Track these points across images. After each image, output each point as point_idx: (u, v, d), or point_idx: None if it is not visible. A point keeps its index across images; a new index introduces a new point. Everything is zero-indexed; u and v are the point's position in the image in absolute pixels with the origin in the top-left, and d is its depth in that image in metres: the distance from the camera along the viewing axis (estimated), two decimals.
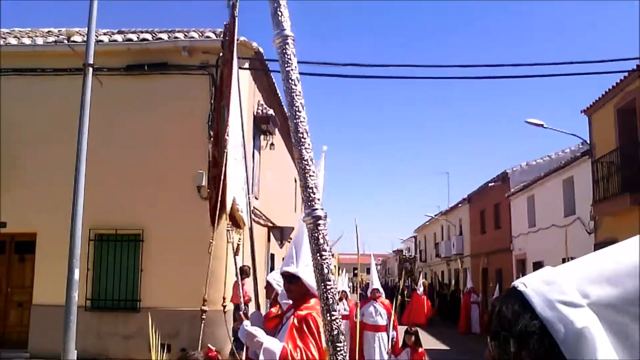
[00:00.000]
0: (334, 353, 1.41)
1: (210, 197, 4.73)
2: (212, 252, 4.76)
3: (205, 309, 4.87)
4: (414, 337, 9.69)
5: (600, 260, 0.93)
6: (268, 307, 6.00)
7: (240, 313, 4.17)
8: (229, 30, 4.56)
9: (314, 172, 1.51)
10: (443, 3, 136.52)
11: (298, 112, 1.54)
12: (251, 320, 4.02)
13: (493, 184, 28.69)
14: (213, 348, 3.63)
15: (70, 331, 8.01)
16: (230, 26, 4.51)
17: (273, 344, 3.68)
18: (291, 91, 1.55)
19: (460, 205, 36.36)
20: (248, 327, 3.76)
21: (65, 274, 8.26)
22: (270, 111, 15.52)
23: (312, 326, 3.71)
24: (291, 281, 3.99)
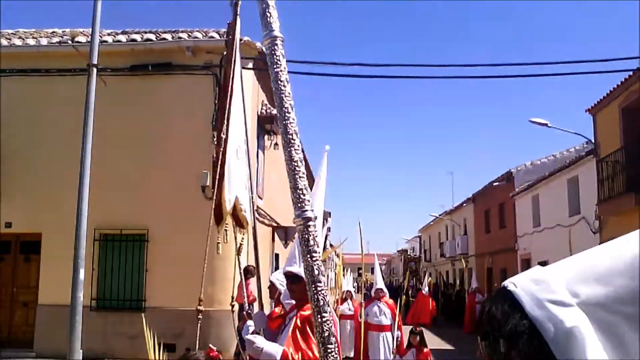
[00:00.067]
0: (325, 355, 1.40)
1: (214, 197, 4.73)
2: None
3: (201, 308, 4.87)
4: (419, 337, 9.67)
5: (591, 259, 0.93)
6: (272, 307, 5.99)
7: (244, 313, 4.18)
8: (231, 29, 4.55)
9: (303, 174, 1.51)
10: (445, 3, 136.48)
11: (287, 114, 1.53)
12: (254, 320, 4.01)
13: (497, 183, 28.64)
14: (214, 348, 3.64)
15: (75, 331, 8.03)
16: (232, 25, 4.51)
17: (272, 348, 3.66)
18: (280, 92, 1.54)
19: (464, 205, 36.32)
20: (248, 336, 3.74)
21: (71, 274, 8.29)
22: (274, 111, 15.46)
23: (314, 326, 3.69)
24: (294, 281, 3.97)
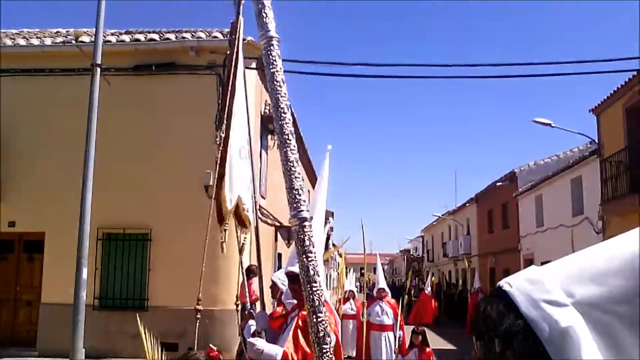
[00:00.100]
0: (320, 355, 1.40)
1: (217, 197, 4.74)
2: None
3: (199, 308, 4.88)
4: (421, 337, 9.67)
5: (586, 259, 0.93)
6: (274, 307, 5.99)
7: (246, 312, 4.19)
8: (234, 29, 4.56)
9: (299, 174, 1.50)
10: (449, 3, 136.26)
11: (283, 114, 1.53)
12: (256, 320, 4.02)
13: (501, 183, 28.60)
14: (214, 348, 3.64)
15: (78, 330, 8.04)
16: (235, 25, 4.51)
17: (273, 349, 3.68)
18: (276, 93, 1.53)
19: (467, 204, 36.27)
20: (249, 339, 3.75)
21: (74, 273, 8.31)
22: None
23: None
24: (296, 281, 3.95)
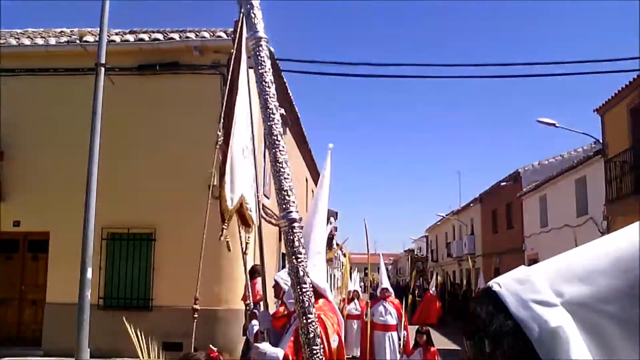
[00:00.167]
0: (310, 356, 1.40)
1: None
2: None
3: (197, 307, 4.88)
4: (426, 337, 9.68)
5: (575, 258, 0.92)
6: (277, 307, 5.99)
7: (249, 312, 4.19)
8: (238, 27, 4.55)
9: (288, 175, 1.50)
10: (452, 3, 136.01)
11: (272, 115, 1.53)
12: (259, 320, 4.02)
13: (505, 183, 28.58)
14: (214, 348, 3.64)
15: (83, 330, 8.07)
16: (238, 23, 4.50)
17: (275, 351, 3.72)
18: (265, 93, 1.53)
19: (472, 204, 36.25)
20: (256, 344, 3.78)
21: (78, 273, 8.32)
22: (282, 110, 15.52)
23: (319, 327, 3.68)
24: None
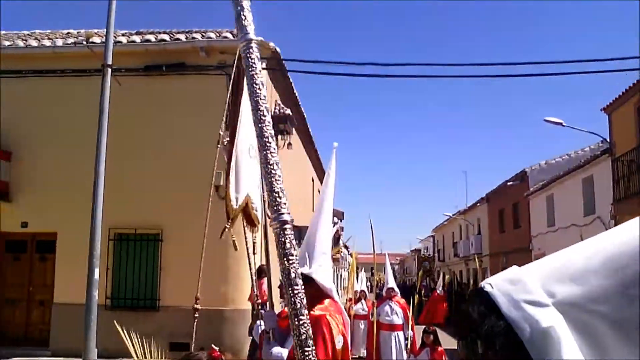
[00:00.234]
0: (303, 357, 1.40)
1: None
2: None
3: (197, 307, 4.89)
4: (433, 337, 9.67)
5: (566, 258, 0.92)
6: (283, 307, 5.99)
7: (255, 312, 4.20)
8: None
9: (279, 177, 1.50)
10: (452, 3, 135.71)
11: (263, 117, 1.53)
12: (264, 320, 4.03)
13: (512, 183, 28.50)
14: (216, 348, 3.66)
15: (90, 330, 8.07)
16: None
17: (280, 351, 3.75)
18: (255, 95, 1.53)
19: (478, 204, 36.16)
20: (271, 351, 3.81)
21: (85, 273, 8.34)
22: (288, 111, 15.55)
23: (323, 328, 3.68)
24: (304, 282, 3.93)
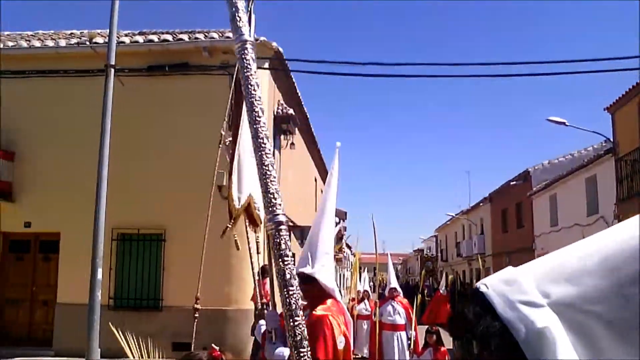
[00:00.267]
0: (298, 359, 1.41)
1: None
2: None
3: (197, 307, 4.89)
4: (436, 337, 9.65)
5: (562, 258, 0.93)
6: None
7: (257, 312, 4.20)
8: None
9: (274, 178, 1.51)
10: (452, 3, 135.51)
11: (258, 118, 1.54)
12: (266, 320, 4.03)
13: (514, 182, 28.47)
14: (217, 348, 3.66)
15: (93, 330, 8.09)
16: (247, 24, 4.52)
17: (282, 350, 3.74)
18: (251, 96, 1.54)
19: (481, 204, 36.13)
20: (277, 349, 3.81)
21: (89, 273, 8.36)
22: (291, 111, 15.56)
23: (325, 328, 3.67)
24: (306, 282, 3.90)
